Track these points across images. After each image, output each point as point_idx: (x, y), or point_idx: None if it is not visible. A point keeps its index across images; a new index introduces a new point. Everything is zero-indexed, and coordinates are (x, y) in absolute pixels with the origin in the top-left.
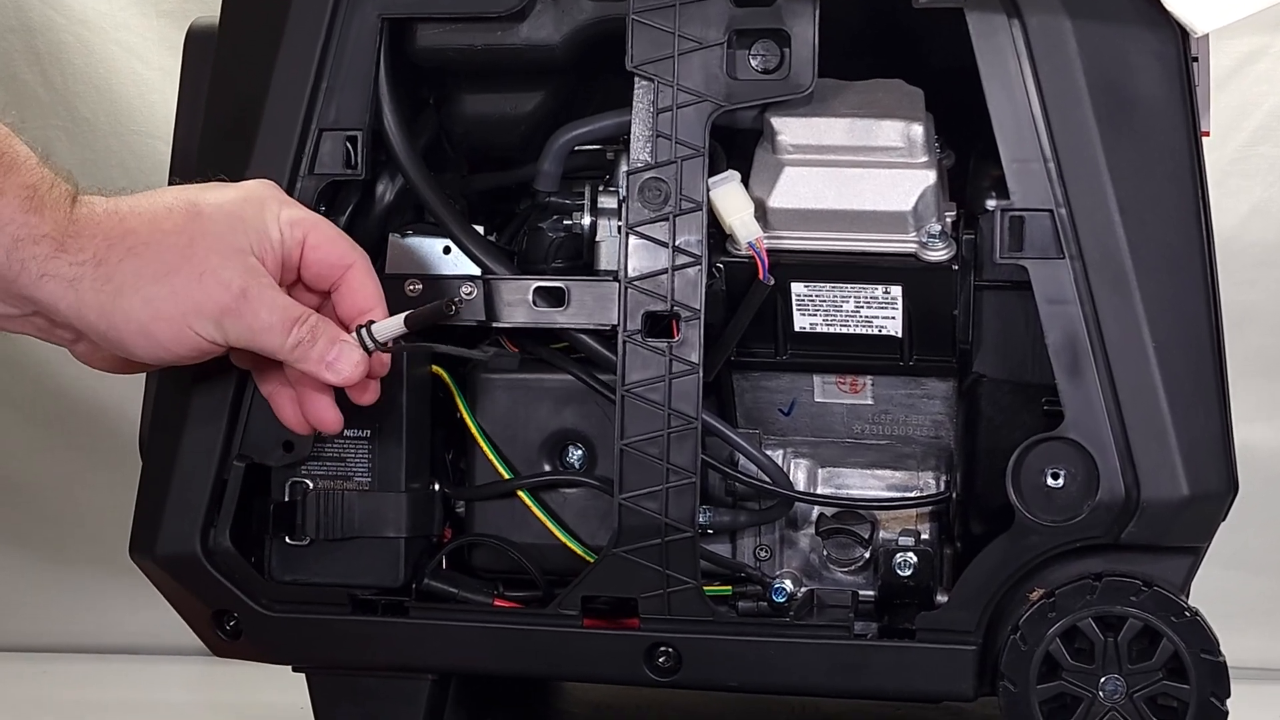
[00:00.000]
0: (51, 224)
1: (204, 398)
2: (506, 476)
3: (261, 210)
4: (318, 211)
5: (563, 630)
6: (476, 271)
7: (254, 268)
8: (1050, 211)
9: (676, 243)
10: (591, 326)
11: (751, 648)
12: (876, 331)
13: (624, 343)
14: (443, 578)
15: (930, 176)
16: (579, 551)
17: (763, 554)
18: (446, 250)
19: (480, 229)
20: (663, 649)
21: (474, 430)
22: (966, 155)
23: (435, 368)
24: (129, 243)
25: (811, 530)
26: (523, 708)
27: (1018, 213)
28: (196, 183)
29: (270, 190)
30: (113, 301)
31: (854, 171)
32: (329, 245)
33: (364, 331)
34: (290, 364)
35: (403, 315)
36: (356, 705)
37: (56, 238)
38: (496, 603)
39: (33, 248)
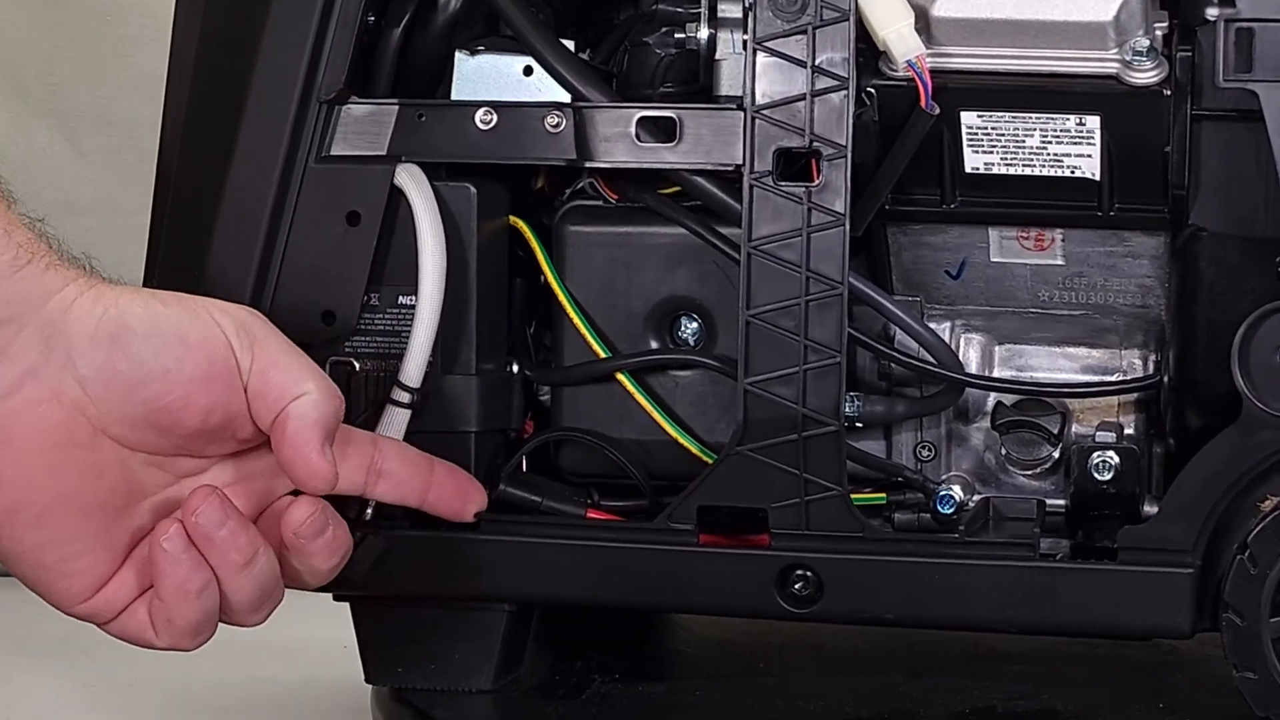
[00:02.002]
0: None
1: (224, 253)
2: (603, 355)
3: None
4: (365, 24)
5: (673, 549)
6: (565, 98)
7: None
8: None
9: (817, 62)
10: (710, 166)
11: (910, 571)
12: (1068, 173)
13: (750, 187)
14: (523, 483)
15: None
16: (694, 450)
17: (925, 453)
18: (527, 71)
19: (569, 45)
20: (799, 572)
21: (562, 298)
22: None
23: (514, 219)
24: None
25: (986, 423)
26: (622, 648)
27: (1246, 24)
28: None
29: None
30: None
31: None
32: None
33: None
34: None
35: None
36: (414, 643)
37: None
38: (590, 514)
39: None
